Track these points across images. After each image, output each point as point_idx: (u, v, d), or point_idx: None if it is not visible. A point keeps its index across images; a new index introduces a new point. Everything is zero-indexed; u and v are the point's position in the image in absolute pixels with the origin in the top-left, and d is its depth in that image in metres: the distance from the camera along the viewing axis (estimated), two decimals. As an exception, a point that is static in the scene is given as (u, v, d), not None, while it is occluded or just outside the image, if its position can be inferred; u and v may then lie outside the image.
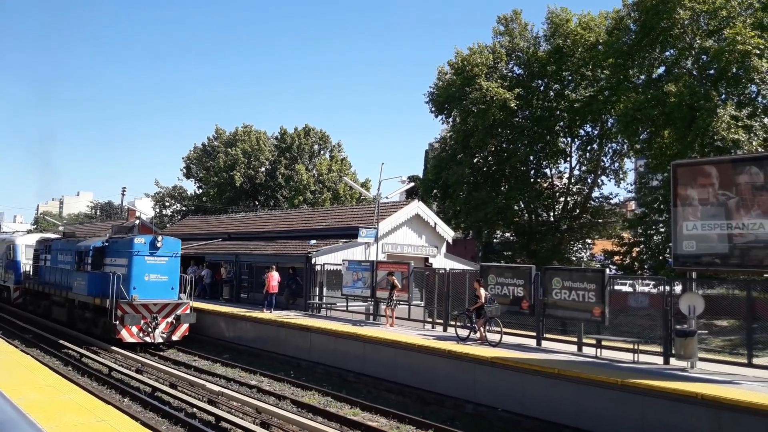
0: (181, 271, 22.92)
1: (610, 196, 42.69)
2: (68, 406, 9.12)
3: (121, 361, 18.73)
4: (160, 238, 21.55)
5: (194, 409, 13.23)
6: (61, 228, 48.18)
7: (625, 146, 39.00)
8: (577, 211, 42.21)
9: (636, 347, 14.52)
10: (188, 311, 21.74)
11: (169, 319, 21.21)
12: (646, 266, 33.56)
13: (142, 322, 20.54)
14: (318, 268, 23.88)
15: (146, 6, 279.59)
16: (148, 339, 20.79)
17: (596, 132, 40.31)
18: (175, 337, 21.35)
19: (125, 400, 14.09)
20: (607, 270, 19.72)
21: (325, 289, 23.84)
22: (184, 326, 21.63)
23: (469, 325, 16.93)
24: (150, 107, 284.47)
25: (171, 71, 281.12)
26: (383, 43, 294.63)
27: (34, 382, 10.66)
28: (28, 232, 36.96)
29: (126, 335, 20.27)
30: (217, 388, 14.50)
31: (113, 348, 20.16)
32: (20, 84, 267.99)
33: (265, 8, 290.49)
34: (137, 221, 38.11)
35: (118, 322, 20.02)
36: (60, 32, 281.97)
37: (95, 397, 10.87)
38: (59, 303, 25.10)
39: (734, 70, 27.72)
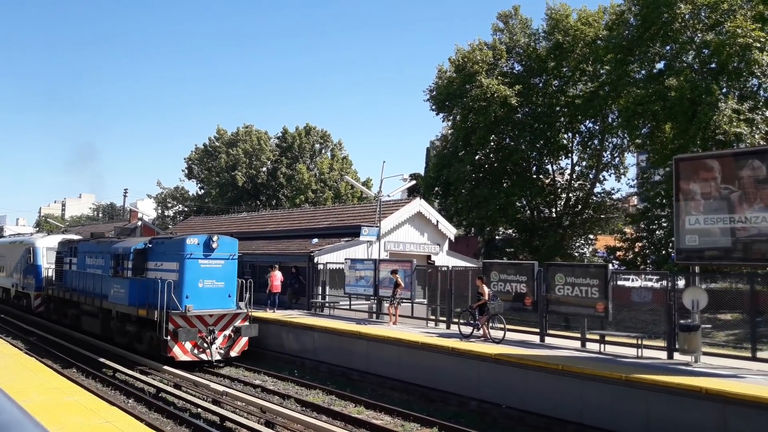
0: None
1: (612, 192, 42.57)
2: (73, 407, 9.14)
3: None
4: (215, 237, 18.64)
5: (199, 410, 13.25)
6: (69, 228, 47.12)
7: (627, 141, 38.91)
8: (579, 206, 42.14)
9: (640, 342, 14.52)
10: (247, 322, 19.22)
11: (227, 332, 18.56)
12: (648, 261, 33.50)
13: (198, 336, 17.87)
14: (320, 267, 23.89)
15: (147, 7, 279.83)
16: (204, 356, 18.01)
17: (597, 127, 40.22)
18: (233, 353, 18.69)
19: (129, 401, 14.11)
20: (610, 265, 19.71)
21: (327, 287, 23.85)
22: (244, 340, 18.92)
23: (472, 322, 16.93)
24: (151, 107, 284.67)
25: (172, 72, 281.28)
26: (384, 41, 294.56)
27: (38, 385, 10.69)
28: (49, 233, 33.99)
29: (179, 353, 17.55)
30: (221, 388, 14.53)
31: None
32: (27, 84, 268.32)
33: (265, 8, 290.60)
34: (139, 222, 38.01)
35: (169, 338, 17.26)
36: (61, 34, 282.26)
37: (100, 399, 10.91)
38: (91, 313, 22.40)
39: (735, 63, 27.62)
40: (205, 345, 17.98)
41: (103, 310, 21.22)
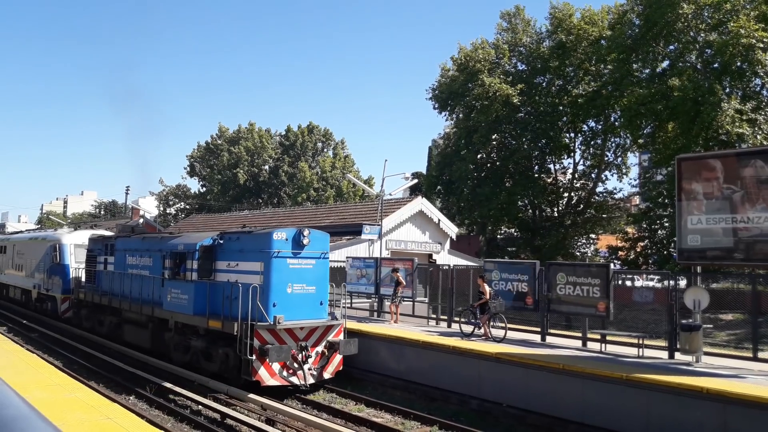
0: None
1: (614, 191, 42.60)
2: (75, 404, 9.16)
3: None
4: (306, 231, 15.26)
5: (200, 407, 13.27)
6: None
7: (629, 141, 38.90)
8: (581, 206, 42.13)
9: (641, 342, 14.52)
10: (342, 335, 15.81)
11: (319, 349, 15.22)
12: (650, 261, 33.49)
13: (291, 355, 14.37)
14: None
15: (150, 6, 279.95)
16: (295, 380, 14.55)
17: (600, 127, 40.22)
18: (326, 374, 15.21)
19: (131, 398, 14.13)
20: (612, 265, 19.70)
21: (329, 286, 23.78)
22: (338, 358, 15.47)
23: (473, 321, 16.93)
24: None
25: (174, 71, 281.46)
26: (387, 40, 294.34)
27: (40, 381, 10.72)
28: (76, 228, 30.59)
29: (266, 376, 14.07)
30: (224, 387, 14.54)
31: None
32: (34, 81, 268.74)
33: (268, 7, 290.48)
34: (141, 220, 37.98)
35: (254, 357, 13.87)
36: (65, 30, 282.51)
37: (101, 396, 10.93)
38: (137, 322, 19.10)
39: (738, 63, 27.60)
40: (296, 365, 14.51)
41: (153, 319, 17.95)
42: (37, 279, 27.92)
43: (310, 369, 14.68)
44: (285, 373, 14.41)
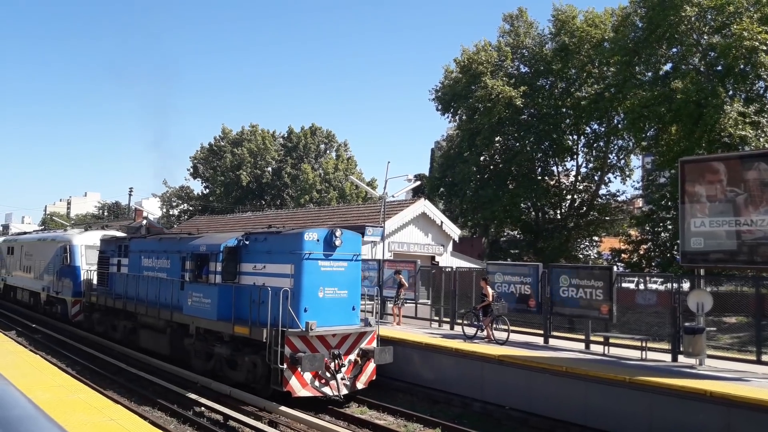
0: None
1: (617, 194, 42.56)
2: (78, 405, 9.18)
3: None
4: (338, 232, 14.35)
5: (202, 408, 13.27)
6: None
7: (632, 143, 38.87)
8: (584, 208, 42.10)
9: (644, 345, 14.50)
10: (375, 342, 14.80)
11: (352, 357, 14.27)
12: (653, 264, 33.45)
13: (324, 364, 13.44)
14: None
15: (152, 7, 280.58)
16: (327, 390, 13.69)
17: (603, 129, 40.19)
18: (359, 384, 14.31)
19: (133, 399, 14.14)
20: (615, 267, 19.67)
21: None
22: (372, 366, 14.52)
23: (476, 323, 16.92)
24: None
25: (178, 71, 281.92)
26: (390, 42, 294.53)
27: (43, 382, 10.73)
28: (86, 229, 29.62)
29: (297, 386, 13.23)
30: (226, 388, 14.54)
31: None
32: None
33: (271, 8, 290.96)
34: (144, 221, 38.02)
35: (285, 366, 13.02)
36: (59, 32, 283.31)
37: (104, 397, 10.94)
38: (155, 327, 18.24)
39: (741, 66, 27.59)
40: (328, 375, 13.67)
41: (172, 324, 17.17)
42: (46, 281, 27.13)
43: (343, 379, 13.83)
44: (317, 383, 13.56)
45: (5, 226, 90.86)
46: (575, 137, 41.60)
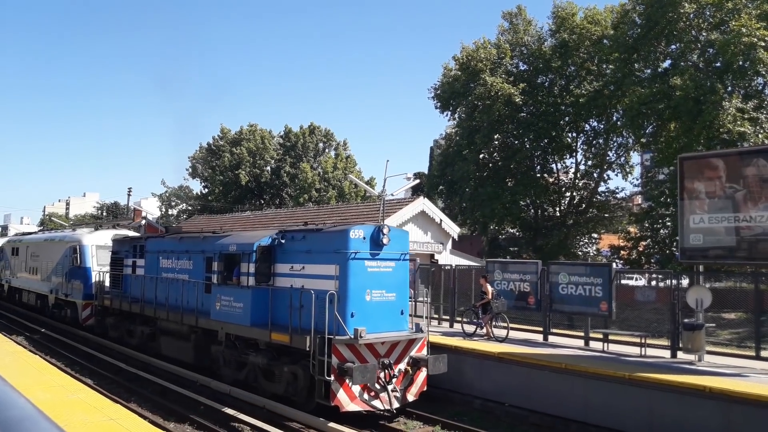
0: None
1: (617, 191, 42.51)
2: (77, 405, 9.18)
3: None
4: (386, 229, 13.20)
5: (202, 408, 13.27)
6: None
7: (631, 140, 38.84)
8: (584, 206, 42.09)
9: (643, 341, 14.52)
10: (426, 350, 13.58)
11: (402, 366, 13.09)
12: (652, 260, 33.45)
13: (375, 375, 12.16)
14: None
15: (151, 6, 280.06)
16: (378, 404, 12.45)
17: (602, 126, 40.17)
18: (410, 396, 13.12)
19: (133, 398, 14.14)
20: (614, 264, 19.69)
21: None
22: (422, 376, 13.34)
23: (475, 320, 16.94)
24: (154, 105, 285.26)
25: (175, 71, 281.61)
26: (388, 40, 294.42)
27: (43, 382, 10.73)
28: (96, 228, 28.44)
29: (346, 400, 12.00)
30: (227, 388, 14.53)
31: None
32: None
33: (269, 8, 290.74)
34: (143, 221, 37.88)
35: (333, 377, 11.84)
36: (64, 27, 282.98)
37: (104, 396, 10.94)
38: (177, 333, 17.13)
39: (740, 62, 27.55)
40: (378, 387, 12.41)
41: (197, 330, 16.05)
42: (54, 283, 26.02)
43: (394, 390, 12.59)
44: (366, 396, 12.30)
45: (4, 227, 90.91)
46: (574, 134, 41.56)
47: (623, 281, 19.39)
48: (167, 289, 17.60)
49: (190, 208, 65.22)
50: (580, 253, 42.64)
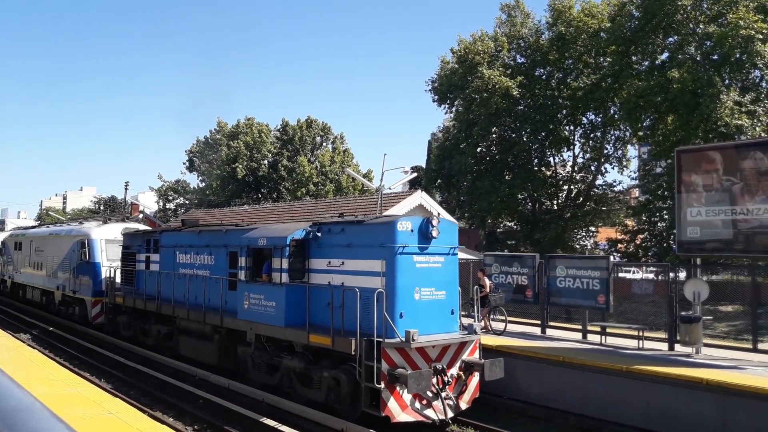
0: None
1: (614, 184, 42.56)
2: (76, 399, 9.19)
3: None
4: (435, 221, 11.95)
5: (201, 401, 13.30)
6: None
7: (629, 133, 38.85)
8: (581, 199, 42.13)
9: (641, 334, 14.57)
10: (477, 353, 12.46)
11: (454, 371, 11.86)
12: (650, 253, 33.51)
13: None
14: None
15: (150, 3, 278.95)
16: (431, 413, 11.22)
17: (599, 119, 40.17)
18: (463, 404, 11.96)
19: (132, 392, 14.15)
20: (611, 257, 19.73)
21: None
22: (475, 381, 12.25)
23: (473, 314, 16.96)
24: (152, 102, 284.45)
25: (172, 65, 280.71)
26: (385, 34, 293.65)
27: (42, 376, 10.74)
28: (105, 221, 27.11)
29: (396, 410, 10.85)
30: (225, 381, 14.55)
31: None
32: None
33: (267, 2, 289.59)
34: (141, 215, 37.70)
35: (383, 385, 10.66)
36: (59, 33, 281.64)
37: (103, 390, 10.97)
38: (199, 333, 16.02)
39: (737, 55, 27.55)
40: (430, 395, 11.20)
41: (221, 330, 15.05)
42: (61, 279, 24.88)
43: (447, 398, 11.37)
44: (418, 405, 11.13)
45: (1, 222, 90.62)
46: (572, 128, 41.55)
47: (621, 274, 19.36)
48: (186, 286, 16.53)
49: (187, 202, 65.13)
50: (577, 246, 42.73)
